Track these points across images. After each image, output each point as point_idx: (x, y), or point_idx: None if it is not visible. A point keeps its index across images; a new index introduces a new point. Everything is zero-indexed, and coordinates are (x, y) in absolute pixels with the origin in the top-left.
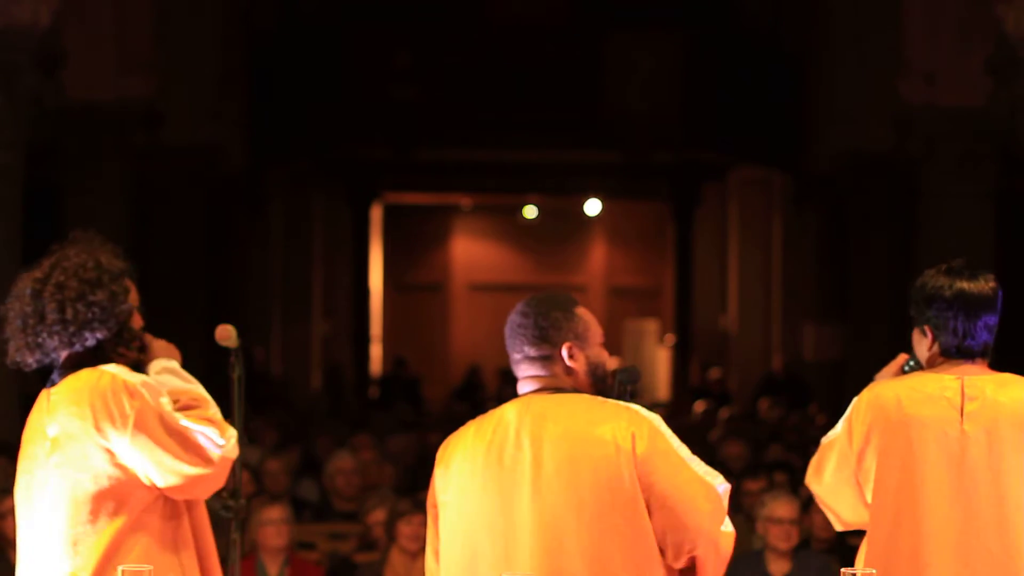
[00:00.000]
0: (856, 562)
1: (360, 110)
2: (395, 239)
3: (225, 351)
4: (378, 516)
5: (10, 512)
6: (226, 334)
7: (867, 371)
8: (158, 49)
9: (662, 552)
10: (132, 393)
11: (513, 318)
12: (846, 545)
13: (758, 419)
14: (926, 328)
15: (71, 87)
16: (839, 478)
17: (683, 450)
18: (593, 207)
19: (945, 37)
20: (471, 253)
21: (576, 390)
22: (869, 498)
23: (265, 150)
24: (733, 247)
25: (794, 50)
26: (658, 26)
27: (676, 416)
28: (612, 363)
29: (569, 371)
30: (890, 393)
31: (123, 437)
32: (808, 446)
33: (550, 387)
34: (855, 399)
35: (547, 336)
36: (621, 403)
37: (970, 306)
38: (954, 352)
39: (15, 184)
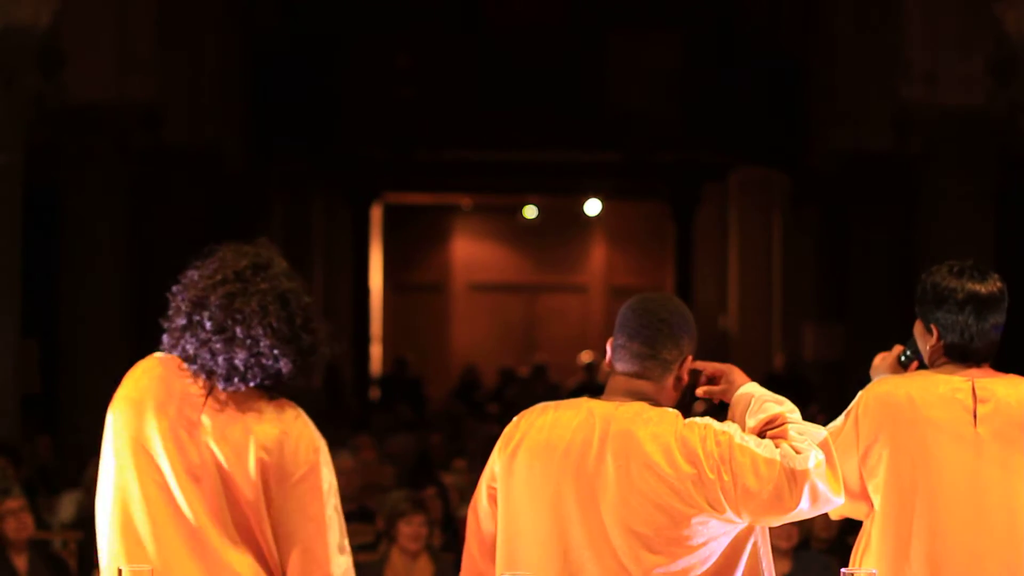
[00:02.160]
0: (854, 558)
1: (360, 110)
2: (395, 239)
3: None
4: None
5: (10, 512)
6: None
7: (867, 371)
8: (158, 49)
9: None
10: (314, 449)
11: (653, 309)
12: (846, 545)
13: None
14: (932, 327)
15: (71, 87)
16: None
17: (750, 441)
18: (593, 207)
19: (945, 37)
20: (471, 253)
21: (659, 404)
22: (872, 493)
23: (265, 150)
24: (733, 247)
25: (794, 50)
26: (658, 26)
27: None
28: None
29: (678, 381)
30: (901, 392)
31: (284, 483)
32: None
33: (646, 395)
34: (861, 392)
35: (680, 344)
36: (698, 422)
37: (981, 309)
38: (960, 354)
39: (15, 184)
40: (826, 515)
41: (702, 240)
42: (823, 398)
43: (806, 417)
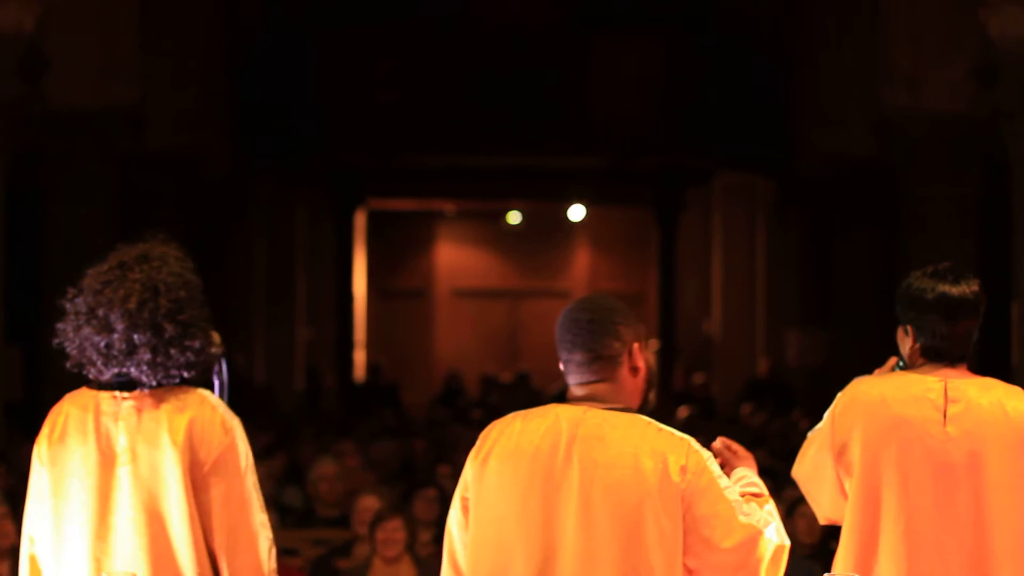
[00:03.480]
0: (836, 561)
1: (343, 116)
2: (379, 245)
3: None
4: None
5: (6, 516)
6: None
7: (850, 377)
8: (141, 55)
9: None
10: (226, 430)
11: (578, 315)
12: (829, 550)
13: (740, 424)
14: (908, 328)
15: (54, 92)
16: (818, 467)
17: (731, 491)
18: (577, 212)
19: (928, 43)
20: (455, 259)
21: (629, 409)
22: (848, 491)
23: (248, 156)
24: (717, 252)
25: (778, 55)
26: (643, 30)
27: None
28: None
29: (634, 371)
30: (875, 391)
31: (201, 468)
32: (793, 452)
33: (608, 400)
34: (840, 394)
35: (619, 335)
36: (675, 433)
37: (951, 310)
38: (933, 354)
39: None
40: (810, 520)
41: (686, 245)
42: (806, 404)
43: (789, 422)
